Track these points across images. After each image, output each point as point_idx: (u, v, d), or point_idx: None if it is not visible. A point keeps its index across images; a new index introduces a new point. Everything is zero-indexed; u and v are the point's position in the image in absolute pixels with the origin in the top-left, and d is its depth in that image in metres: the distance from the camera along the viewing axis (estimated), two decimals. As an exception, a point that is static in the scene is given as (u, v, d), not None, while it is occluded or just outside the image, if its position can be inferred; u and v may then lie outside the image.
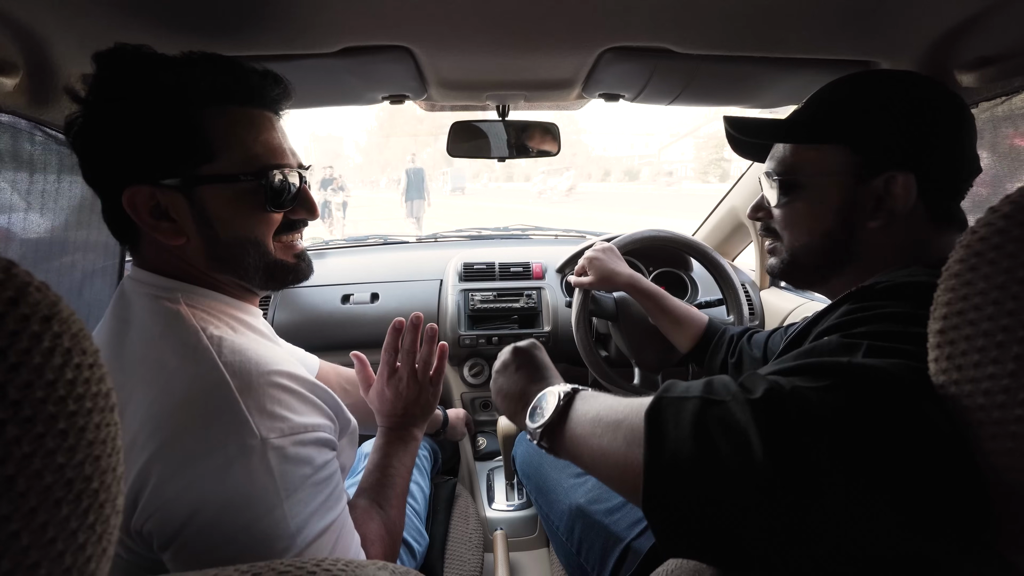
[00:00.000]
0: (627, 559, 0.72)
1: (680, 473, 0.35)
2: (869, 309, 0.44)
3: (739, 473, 0.32)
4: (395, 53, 0.72)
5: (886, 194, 0.53)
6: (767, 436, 0.32)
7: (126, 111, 0.50)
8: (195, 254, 0.55)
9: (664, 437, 0.36)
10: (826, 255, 0.59)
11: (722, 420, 0.35)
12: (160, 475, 0.45)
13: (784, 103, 0.98)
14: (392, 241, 1.76)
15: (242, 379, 0.48)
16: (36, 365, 0.20)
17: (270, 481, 0.46)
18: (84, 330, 0.23)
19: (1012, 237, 0.27)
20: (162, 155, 0.51)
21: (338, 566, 0.31)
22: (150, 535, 0.46)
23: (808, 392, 0.34)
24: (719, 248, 1.60)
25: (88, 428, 0.22)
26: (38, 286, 0.21)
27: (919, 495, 0.31)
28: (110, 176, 0.52)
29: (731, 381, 0.38)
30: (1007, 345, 0.26)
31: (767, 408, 0.33)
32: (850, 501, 0.31)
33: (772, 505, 0.31)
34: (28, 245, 0.79)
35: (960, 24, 0.64)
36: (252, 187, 0.54)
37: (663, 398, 0.39)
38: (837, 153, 0.56)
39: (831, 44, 0.73)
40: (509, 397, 0.61)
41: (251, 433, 0.46)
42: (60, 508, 0.21)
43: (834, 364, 0.36)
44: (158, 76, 0.51)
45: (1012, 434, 0.26)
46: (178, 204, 0.52)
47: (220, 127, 0.53)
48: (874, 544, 0.31)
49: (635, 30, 0.69)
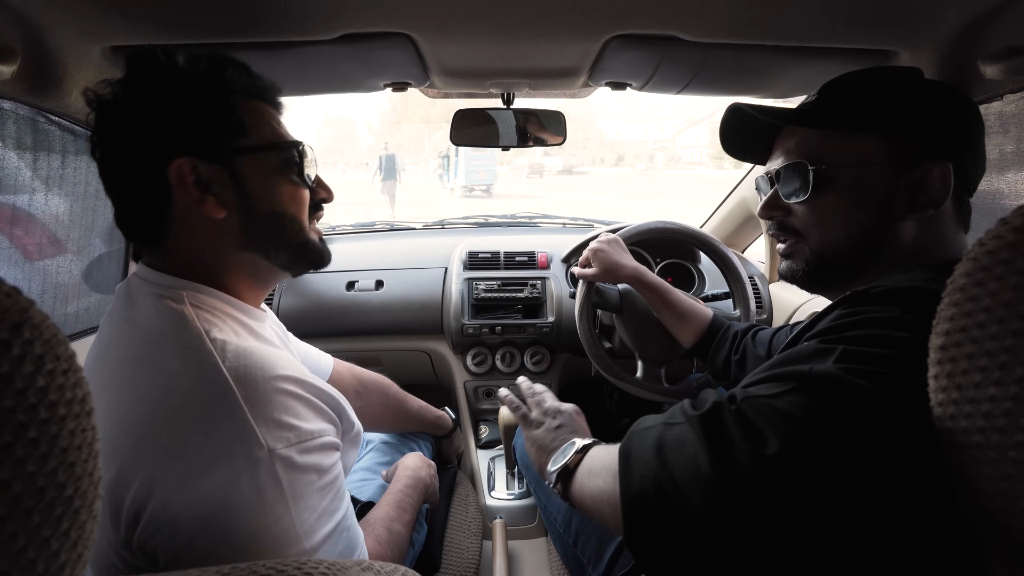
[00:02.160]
0: (623, 553, 0.73)
1: (648, 499, 0.38)
2: (858, 314, 0.43)
3: (692, 484, 0.36)
4: (395, 40, 0.71)
5: (921, 187, 0.51)
6: (708, 446, 0.36)
7: (167, 94, 0.53)
8: (229, 232, 0.56)
9: (634, 466, 0.40)
10: (858, 253, 0.54)
11: (676, 439, 0.38)
12: (164, 488, 0.44)
13: (797, 92, 0.95)
14: (398, 227, 1.75)
15: (247, 386, 0.47)
16: (4, 374, 0.20)
17: (278, 491, 0.46)
18: (58, 335, 0.23)
19: (1021, 252, 0.25)
20: (203, 131, 0.53)
21: (321, 568, 0.31)
22: (154, 551, 0.45)
23: (760, 400, 0.37)
24: (728, 239, 1.57)
25: (62, 435, 0.22)
26: (8, 292, 0.21)
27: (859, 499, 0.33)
28: (151, 157, 0.52)
29: (688, 404, 0.42)
30: (1011, 367, 0.25)
31: (709, 421, 0.37)
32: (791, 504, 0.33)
33: (724, 509, 0.34)
34: (32, 230, 0.80)
35: (988, 12, 0.61)
36: (286, 158, 0.59)
37: (632, 432, 0.43)
38: (870, 142, 0.53)
39: (849, 33, 0.70)
40: (540, 448, 0.66)
41: (258, 444, 0.45)
42: (31, 517, 0.21)
43: (795, 372, 0.38)
44: (198, 64, 0.55)
45: (1012, 460, 0.25)
46: (219, 177, 0.54)
47: (249, 111, 0.57)
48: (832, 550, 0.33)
49: (642, 18, 0.66)
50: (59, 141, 0.78)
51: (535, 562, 1.04)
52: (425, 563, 0.83)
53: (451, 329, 1.33)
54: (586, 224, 1.75)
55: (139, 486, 0.44)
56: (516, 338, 1.34)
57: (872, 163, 0.52)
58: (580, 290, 1.08)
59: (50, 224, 0.82)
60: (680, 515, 0.36)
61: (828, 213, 0.55)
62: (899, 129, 0.52)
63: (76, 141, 0.81)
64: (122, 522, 0.45)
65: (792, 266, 0.60)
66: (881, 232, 0.53)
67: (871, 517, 0.32)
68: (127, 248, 0.97)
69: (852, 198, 0.54)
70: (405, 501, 0.76)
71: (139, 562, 0.46)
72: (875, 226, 0.53)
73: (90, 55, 0.68)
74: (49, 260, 0.83)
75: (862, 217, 0.53)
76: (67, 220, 0.85)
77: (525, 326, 1.31)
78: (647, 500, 0.38)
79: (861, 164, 0.53)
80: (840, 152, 0.54)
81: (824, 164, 0.54)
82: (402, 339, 1.39)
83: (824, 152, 0.55)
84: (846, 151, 0.54)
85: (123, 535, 0.45)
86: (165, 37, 0.68)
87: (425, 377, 1.48)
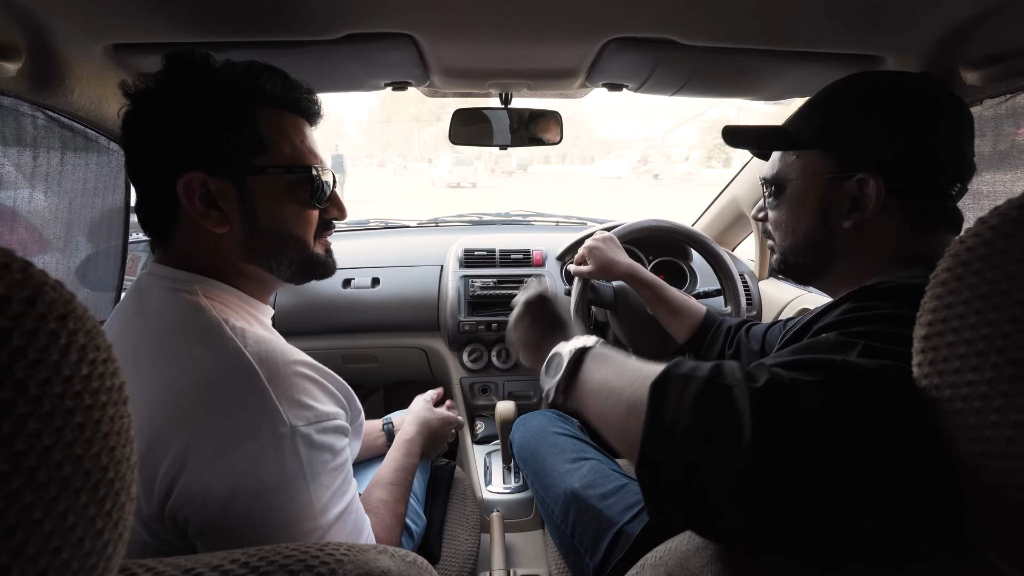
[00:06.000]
0: (619, 542, 0.75)
1: (673, 444, 0.36)
2: (867, 309, 0.45)
3: (725, 455, 0.34)
4: (398, 41, 0.72)
5: (860, 195, 0.55)
6: (759, 425, 0.33)
7: (193, 102, 0.53)
8: (232, 244, 0.57)
9: (664, 410, 0.38)
10: (810, 254, 0.61)
11: (723, 404, 0.35)
12: (196, 462, 0.46)
13: (789, 95, 0.98)
14: (393, 225, 1.76)
15: (269, 368, 0.50)
16: (54, 362, 0.21)
17: (298, 466, 0.49)
18: (97, 326, 0.24)
19: (997, 249, 0.27)
20: (220, 145, 0.54)
21: (340, 550, 0.33)
22: (185, 522, 0.47)
23: (803, 386, 0.35)
24: (720, 238, 1.60)
25: (103, 421, 0.23)
26: (53, 285, 0.22)
27: (894, 495, 0.32)
28: (166, 164, 0.53)
29: (738, 367, 0.39)
30: (986, 354, 0.27)
31: (765, 398, 0.34)
32: (826, 496, 0.32)
33: (748, 490, 0.33)
34: (32, 227, 0.79)
35: (968, 21, 0.64)
36: (298, 180, 0.59)
37: (670, 373, 0.40)
38: (818, 157, 0.59)
39: (837, 38, 0.72)
40: (528, 347, 0.66)
41: (282, 421, 0.48)
42: (79, 496, 0.22)
43: (828, 361, 0.37)
44: (224, 75, 0.55)
45: (987, 438, 0.27)
46: (228, 193, 0.55)
47: (273, 126, 0.57)
48: (846, 536, 0.33)
49: (639, 21, 0.68)
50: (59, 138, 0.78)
51: (532, 553, 1.05)
52: (424, 556, 0.84)
53: (447, 326, 1.34)
54: (580, 223, 1.78)
55: (170, 461, 0.46)
56: None
57: (813, 176, 0.59)
58: (575, 287, 1.09)
59: (49, 221, 0.82)
60: (700, 469, 0.35)
61: (781, 220, 0.64)
62: (835, 144, 0.57)
63: (76, 139, 0.81)
64: (155, 495, 0.47)
65: (772, 261, 0.69)
66: (825, 236, 0.59)
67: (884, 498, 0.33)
68: (124, 245, 0.97)
69: (797, 208, 0.62)
70: (400, 476, 0.78)
71: (168, 533, 0.49)
72: (817, 231, 0.60)
73: (93, 53, 0.68)
74: (48, 256, 0.83)
75: (804, 224, 0.61)
76: (65, 218, 0.85)
77: None
78: (672, 443, 0.36)
79: (804, 178, 0.60)
80: (792, 167, 0.62)
81: (781, 178, 0.63)
82: (398, 336, 1.40)
83: (782, 167, 0.63)
84: (796, 166, 0.61)
85: (156, 508, 0.48)
86: (168, 36, 0.68)
87: (421, 374, 1.50)
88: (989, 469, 0.27)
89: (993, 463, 0.27)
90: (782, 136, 0.63)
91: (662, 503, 0.38)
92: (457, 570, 0.86)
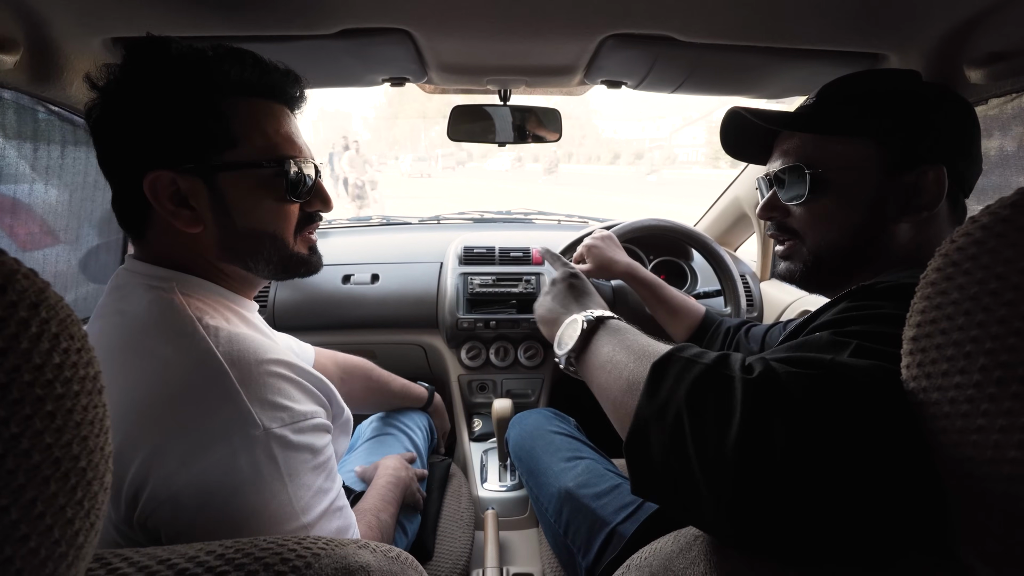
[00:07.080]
0: (612, 542, 0.74)
1: (663, 423, 0.36)
2: (864, 308, 0.44)
3: (711, 441, 0.34)
4: (394, 36, 0.72)
5: (915, 190, 0.52)
6: (747, 416, 0.33)
7: (154, 96, 0.50)
8: (207, 243, 0.55)
9: (660, 389, 0.38)
10: (853, 254, 0.56)
11: (719, 391, 0.35)
12: (165, 468, 0.45)
13: (790, 94, 0.97)
14: (394, 222, 1.76)
15: (241, 369, 0.48)
16: (24, 350, 0.21)
17: (274, 469, 0.47)
18: (72, 316, 0.24)
19: (987, 248, 0.27)
20: (186, 140, 0.51)
21: (318, 544, 0.33)
22: (156, 529, 0.46)
23: (793, 381, 0.34)
24: (721, 238, 1.59)
25: (75, 410, 0.23)
26: (25, 273, 0.22)
27: (877, 497, 0.32)
28: (132, 161, 0.51)
29: (742, 359, 0.38)
30: (974, 356, 0.26)
31: (758, 390, 0.34)
32: (808, 493, 0.32)
33: (728, 479, 0.33)
34: (33, 218, 0.80)
35: (972, 19, 0.63)
36: (272, 174, 0.55)
37: (673, 355, 0.40)
38: (865, 146, 0.54)
39: (839, 36, 0.71)
40: (544, 323, 0.66)
41: (254, 424, 0.47)
42: (48, 485, 0.22)
43: (818, 360, 0.36)
44: (187, 63, 0.51)
45: (973, 443, 0.26)
46: (198, 191, 0.52)
47: (243, 116, 0.53)
48: (830, 536, 0.32)
49: (637, 18, 0.68)
50: (59, 131, 0.79)
51: (526, 552, 1.05)
52: (418, 552, 0.84)
53: (446, 323, 1.34)
54: (581, 221, 1.77)
55: (138, 467, 0.45)
56: (510, 332, 1.35)
57: (866, 167, 0.54)
58: None
59: (48, 214, 0.82)
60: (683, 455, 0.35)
61: (824, 215, 0.57)
62: (892, 133, 0.53)
63: (76, 131, 0.82)
64: (122, 501, 0.46)
65: (791, 267, 0.62)
66: (875, 233, 0.54)
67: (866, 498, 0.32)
68: (125, 238, 0.97)
69: (846, 200, 0.55)
70: (388, 495, 0.77)
71: (140, 540, 0.47)
72: (868, 227, 0.55)
73: (91, 46, 0.69)
74: (48, 249, 0.83)
75: (855, 218, 0.55)
76: (66, 210, 0.86)
77: (519, 321, 1.33)
78: (661, 423, 0.36)
79: (855, 168, 0.55)
80: (836, 156, 0.56)
81: (820, 168, 0.56)
82: (397, 333, 1.40)
83: (821, 156, 0.56)
84: (841, 155, 0.55)
85: (123, 513, 0.46)
86: (164, 29, 0.68)
87: (420, 370, 1.50)
88: (975, 474, 0.27)
89: (979, 468, 0.27)
90: (826, 119, 0.57)
91: (645, 481, 0.38)
92: (450, 567, 0.86)
